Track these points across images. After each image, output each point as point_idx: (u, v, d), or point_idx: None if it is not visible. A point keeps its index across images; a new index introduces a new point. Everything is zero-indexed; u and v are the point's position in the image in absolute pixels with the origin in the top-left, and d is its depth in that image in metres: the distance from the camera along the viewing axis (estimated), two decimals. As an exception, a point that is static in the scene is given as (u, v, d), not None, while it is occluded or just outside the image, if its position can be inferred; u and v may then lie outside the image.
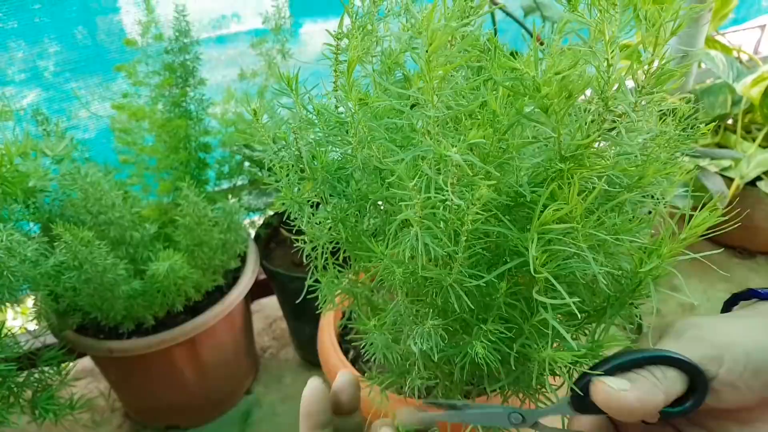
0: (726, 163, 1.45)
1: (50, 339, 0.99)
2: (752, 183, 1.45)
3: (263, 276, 1.20)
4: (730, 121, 1.66)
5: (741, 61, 1.70)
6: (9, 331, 0.86)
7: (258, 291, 1.40)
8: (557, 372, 0.55)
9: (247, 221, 1.24)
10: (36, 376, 0.90)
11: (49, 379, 0.90)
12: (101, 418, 1.18)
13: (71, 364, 0.95)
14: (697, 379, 0.38)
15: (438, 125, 0.44)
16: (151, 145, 1.04)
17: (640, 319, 1.27)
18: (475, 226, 0.43)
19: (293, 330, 1.27)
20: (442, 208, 0.44)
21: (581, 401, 0.40)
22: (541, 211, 0.43)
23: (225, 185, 1.17)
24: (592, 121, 0.47)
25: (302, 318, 1.20)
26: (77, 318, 0.92)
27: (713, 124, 0.61)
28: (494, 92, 0.46)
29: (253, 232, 1.23)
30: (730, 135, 1.59)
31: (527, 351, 0.54)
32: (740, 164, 1.44)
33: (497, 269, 0.49)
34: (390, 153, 0.50)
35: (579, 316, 0.52)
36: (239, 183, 1.17)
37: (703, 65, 1.73)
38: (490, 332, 0.51)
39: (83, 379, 1.25)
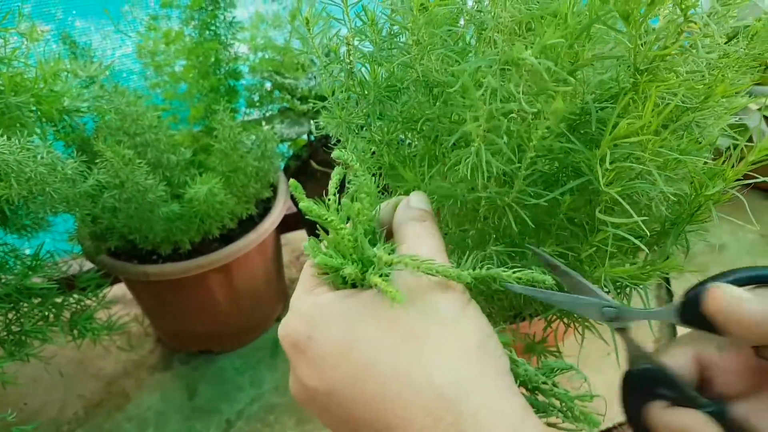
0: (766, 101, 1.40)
1: (88, 265, 1.00)
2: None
3: (289, 211, 1.19)
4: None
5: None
6: (48, 252, 0.87)
7: (285, 225, 1.40)
8: (609, 291, 0.55)
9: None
10: (74, 297, 0.92)
11: (88, 299, 0.92)
12: (135, 342, 1.21)
13: (107, 288, 0.97)
14: None
15: (507, 30, 0.42)
16: (180, 71, 1.02)
17: (669, 284, 1.26)
18: (543, 142, 0.42)
19: (321, 262, 1.28)
20: (507, 120, 0.42)
21: (690, 311, 0.35)
22: (614, 126, 0.42)
23: (254, 115, 1.15)
24: (661, 35, 0.45)
25: (331, 249, 1.20)
26: (114, 241, 0.93)
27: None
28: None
29: (282, 164, 1.22)
30: (771, 73, 1.54)
31: (582, 271, 0.54)
32: (781, 102, 1.39)
33: (558, 188, 0.48)
34: (450, 64, 0.48)
35: (635, 240, 0.51)
36: (269, 113, 1.15)
37: None
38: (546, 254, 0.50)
39: (115, 304, 1.27)
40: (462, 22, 0.54)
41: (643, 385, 0.37)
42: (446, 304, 0.35)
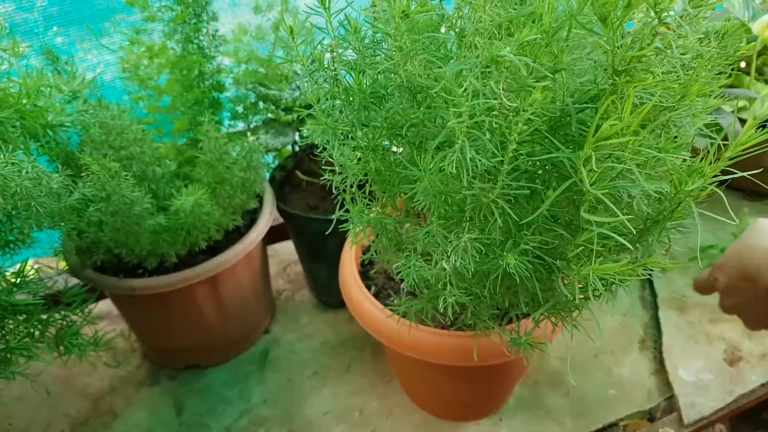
0: (740, 103, 1.44)
1: (73, 280, 0.99)
2: (765, 124, 1.44)
3: (275, 222, 1.20)
4: (743, 64, 1.64)
5: (755, 2, 1.67)
6: (32, 268, 0.86)
7: (272, 236, 1.41)
8: (596, 290, 0.56)
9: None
10: (60, 313, 0.91)
11: (73, 315, 0.91)
12: (121, 358, 1.20)
13: (93, 303, 0.96)
14: None
15: (487, 33, 0.43)
16: (164, 84, 1.02)
17: (652, 284, 1.28)
18: (523, 137, 0.43)
19: (309, 272, 1.28)
20: (488, 117, 0.43)
21: None
22: (596, 128, 0.43)
23: (239, 126, 1.16)
24: (638, 36, 0.46)
25: (318, 260, 1.20)
26: (100, 255, 0.92)
27: (749, 45, 0.60)
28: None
29: (267, 175, 1.22)
30: (744, 76, 1.58)
31: (566, 270, 0.55)
32: (754, 104, 1.43)
33: (541, 186, 0.49)
34: (433, 69, 0.49)
35: (620, 238, 0.52)
36: (254, 125, 1.15)
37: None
38: (528, 241, 0.51)
39: (102, 320, 1.26)
40: (443, 29, 0.55)
41: None
42: None
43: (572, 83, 0.49)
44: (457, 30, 0.53)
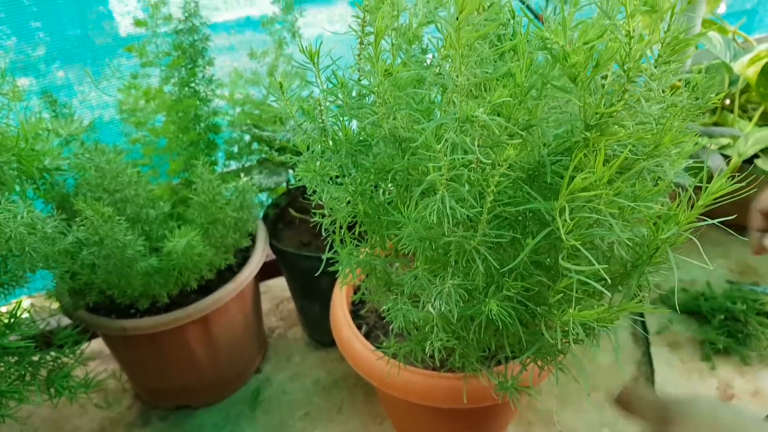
0: (724, 141, 1.47)
1: (65, 321, 1.00)
2: (749, 161, 1.47)
3: (268, 258, 1.21)
4: (727, 102, 1.68)
5: (737, 42, 1.72)
6: (25, 311, 0.87)
7: (264, 273, 1.41)
8: (578, 335, 0.56)
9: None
10: (51, 355, 0.91)
11: (65, 357, 0.92)
12: (112, 399, 1.19)
13: (84, 344, 0.96)
14: None
15: (464, 92, 0.45)
16: (161, 126, 1.04)
17: (644, 320, 1.29)
18: (500, 188, 0.44)
19: (301, 309, 1.29)
20: (467, 170, 0.45)
21: None
22: (570, 179, 0.45)
23: (233, 166, 1.18)
24: (608, 93, 0.49)
25: (311, 297, 1.21)
26: (92, 297, 0.93)
27: (719, 96, 0.62)
28: (517, 61, 0.47)
29: (261, 213, 1.24)
30: (728, 114, 1.62)
31: (548, 315, 0.56)
32: (738, 142, 1.46)
33: (522, 234, 0.51)
34: (414, 122, 0.52)
35: (597, 284, 0.53)
36: (248, 164, 1.18)
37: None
38: (510, 288, 0.53)
39: (93, 360, 1.25)
40: (427, 84, 0.57)
41: None
42: None
43: (548, 135, 0.50)
44: (440, 86, 0.55)
